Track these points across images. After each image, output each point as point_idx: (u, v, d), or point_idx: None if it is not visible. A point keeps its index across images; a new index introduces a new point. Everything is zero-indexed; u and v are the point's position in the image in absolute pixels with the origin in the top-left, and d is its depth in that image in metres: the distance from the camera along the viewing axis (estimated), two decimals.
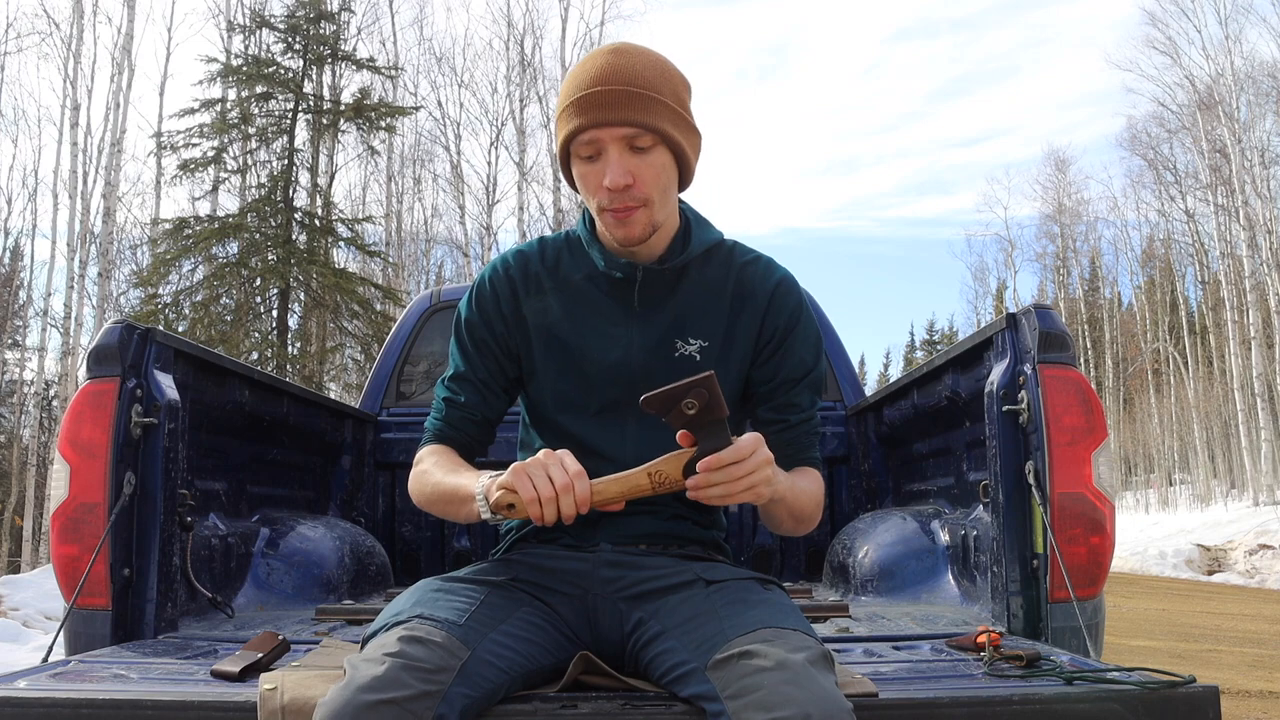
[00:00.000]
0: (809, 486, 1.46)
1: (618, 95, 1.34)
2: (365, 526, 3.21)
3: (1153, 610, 8.35)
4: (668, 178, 1.41)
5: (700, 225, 1.52)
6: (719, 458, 1.19)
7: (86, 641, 1.83)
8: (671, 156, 1.41)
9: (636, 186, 1.37)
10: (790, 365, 1.50)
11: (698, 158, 1.46)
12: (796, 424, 1.50)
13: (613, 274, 1.47)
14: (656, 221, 1.42)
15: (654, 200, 1.39)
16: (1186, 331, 31.80)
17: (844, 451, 3.33)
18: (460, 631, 1.21)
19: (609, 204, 1.38)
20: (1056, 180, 35.29)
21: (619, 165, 1.36)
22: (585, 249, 1.51)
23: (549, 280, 1.52)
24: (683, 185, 1.48)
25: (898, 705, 1.29)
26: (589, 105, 1.35)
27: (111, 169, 17.19)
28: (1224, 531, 18.32)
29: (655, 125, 1.36)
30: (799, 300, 1.52)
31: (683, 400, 1.17)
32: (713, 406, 1.18)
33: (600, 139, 1.36)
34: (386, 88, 19.95)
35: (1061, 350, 1.87)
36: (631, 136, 1.36)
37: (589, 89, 1.35)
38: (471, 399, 1.52)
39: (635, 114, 1.34)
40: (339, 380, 16.67)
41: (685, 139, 1.41)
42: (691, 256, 1.48)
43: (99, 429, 1.87)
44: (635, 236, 1.41)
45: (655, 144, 1.37)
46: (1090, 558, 1.81)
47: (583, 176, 1.40)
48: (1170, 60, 26.13)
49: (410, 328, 3.60)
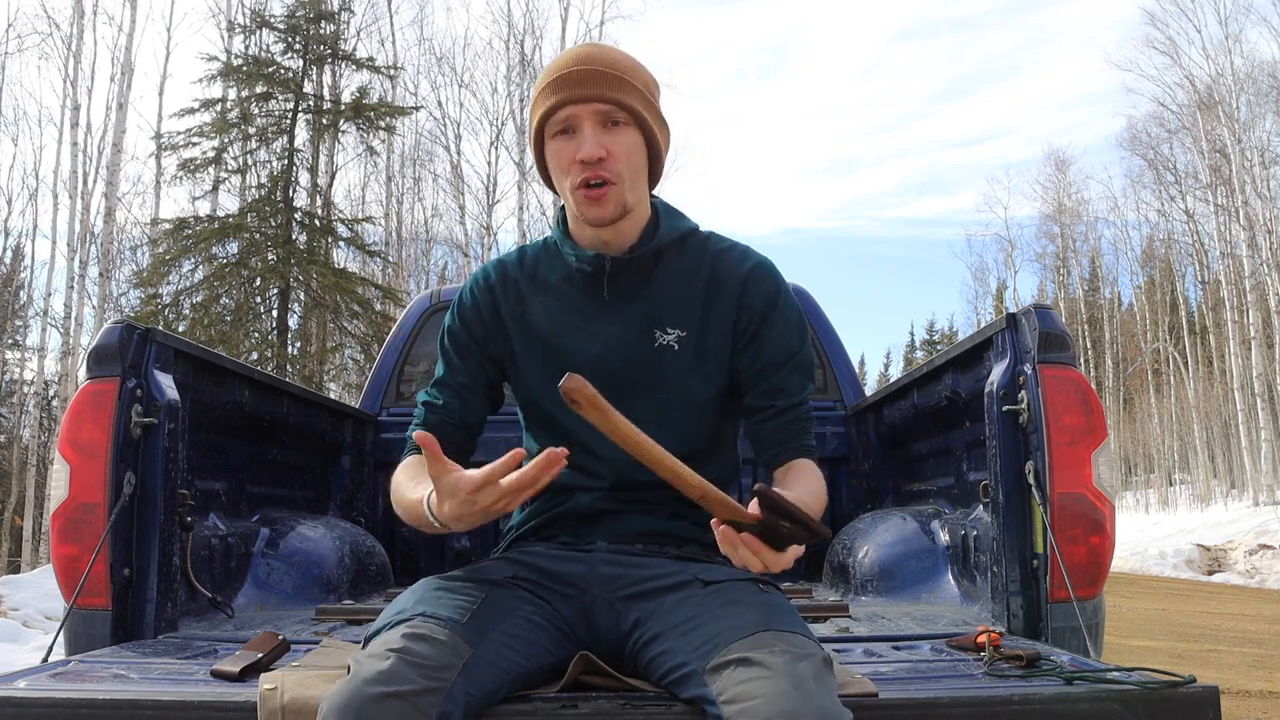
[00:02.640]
0: (810, 487, 1.43)
1: (594, 74, 1.40)
2: (365, 526, 3.21)
3: (1153, 610, 8.35)
4: (639, 159, 1.44)
5: (670, 215, 1.54)
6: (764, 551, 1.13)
7: (86, 641, 1.84)
8: (643, 139, 1.44)
9: (609, 160, 1.40)
10: (771, 349, 1.50)
11: (667, 151, 1.50)
12: (784, 409, 1.49)
13: (584, 268, 1.48)
14: (628, 203, 1.44)
15: (625, 178, 1.42)
16: (1186, 331, 31.80)
17: (844, 451, 3.32)
18: (463, 630, 1.21)
19: (582, 177, 1.40)
20: (1056, 180, 35.33)
21: (593, 139, 1.39)
22: (559, 249, 1.53)
23: (527, 285, 1.54)
24: (653, 179, 1.51)
25: (898, 705, 1.29)
26: (565, 83, 1.40)
27: (112, 169, 17.18)
28: (1224, 531, 18.32)
29: (628, 103, 1.41)
30: (776, 284, 1.52)
31: (793, 522, 1.11)
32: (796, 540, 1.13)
33: (576, 114, 1.40)
34: (386, 88, 19.94)
35: (1061, 350, 1.88)
36: (606, 113, 1.40)
37: (567, 69, 1.41)
38: (450, 402, 1.54)
39: (610, 90, 1.40)
40: (339, 380, 16.67)
41: (656, 126, 1.46)
42: (661, 244, 1.49)
43: (99, 429, 1.87)
44: (608, 215, 1.42)
45: (628, 123, 1.42)
46: (1090, 558, 1.81)
47: (556, 154, 1.43)
48: (1170, 60, 26.16)
49: (410, 328, 3.60)
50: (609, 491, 1.47)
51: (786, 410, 1.50)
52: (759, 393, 1.50)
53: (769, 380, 1.50)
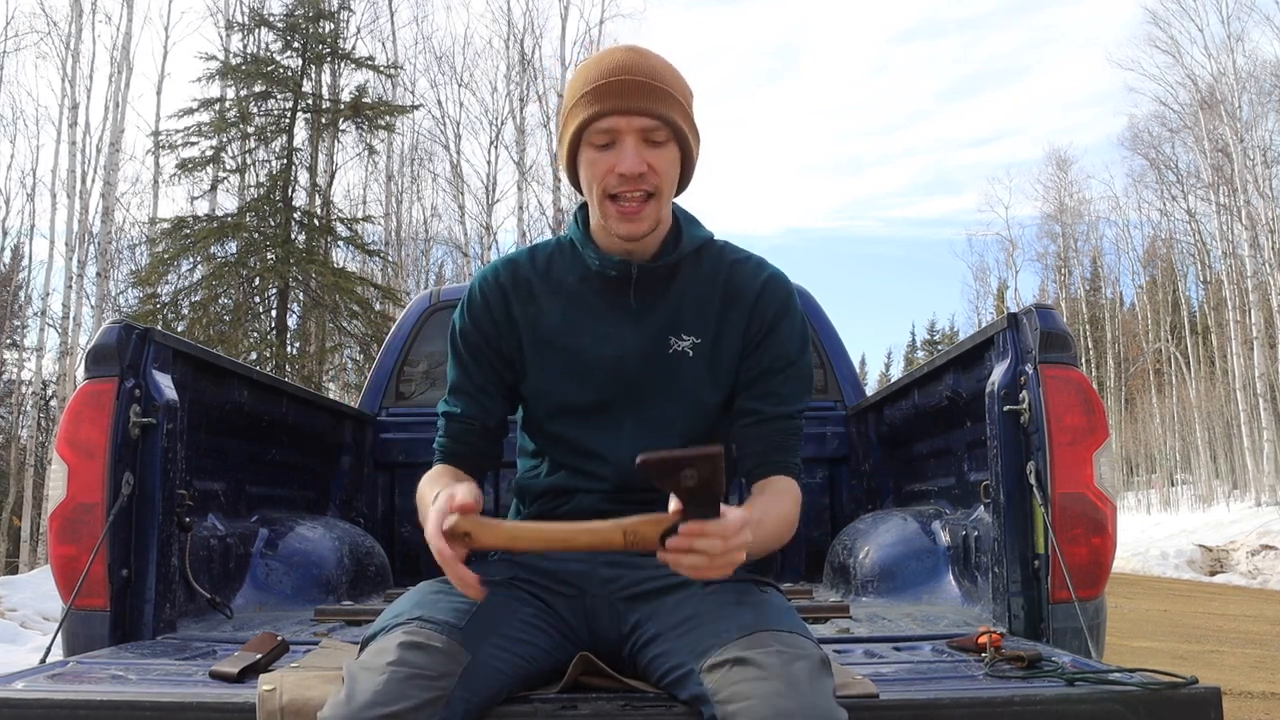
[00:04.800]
0: (778, 511, 1.40)
1: (640, 86, 1.37)
2: (364, 527, 3.20)
3: (1154, 611, 8.35)
4: (674, 175, 1.44)
5: (691, 224, 1.54)
6: (703, 526, 1.10)
7: (85, 642, 1.83)
8: (679, 154, 1.43)
9: (649, 176, 1.38)
10: (772, 355, 1.49)
11: (697, 162, 1.50)
12: (771, 416, 1.47)
13: (607, 272, 1.47)
14: (662, 217, 1.44)
15: (663, 193, 1.41)
16: (1188, 331, 31.79)
17: (844, 451, 3.32)
18: (460, 634, 1.21)
19: (617, 188, 1.38)
20: (1058, 180, 35.30)
21: (635, 154, 1.37)
22: (578, 250, 1.51)
23: (540, 285, 1.52)
24: (680, 187, 1.50)
25: (898, 706, 1.29)
26: (609, 92, 1.37)
27: (110, 168, 17.18)
28: (1226, 532, 18.32)
29: (670, 118, 1.39)
30: (787, 295, 1.53)
31: (683, 470, 1.09)
32: (712, 482, 1.11)
33: (618, 127, 1.37)
34: (385, 87, 19.94)
35: (1063, 350, 1.87)
36: (649, 129, 1.38)
37: (610, 77, 1.38)
38: (470, 409, 1.52)
39: (655, 105, 1.37)
40: (338, 380, 16.67)
41: (693, 138, 1.44)
42: (684, 254, 1.49)
43: (97, 429, 1.87)
44: (641, 231, 1.41)
45: (669, 139, 1.40)
46: (1091, 558, 1.81)
47: (592, 162, 1.40)
48: (1172, 59, 26.16)
49: (410, 328, 3.60)
50: (610, 494, 1.47)
51: (775, 419, 1.48)
52: (751, 395, 1.50)
53: (763, 384, 1.49)
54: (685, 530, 1.10)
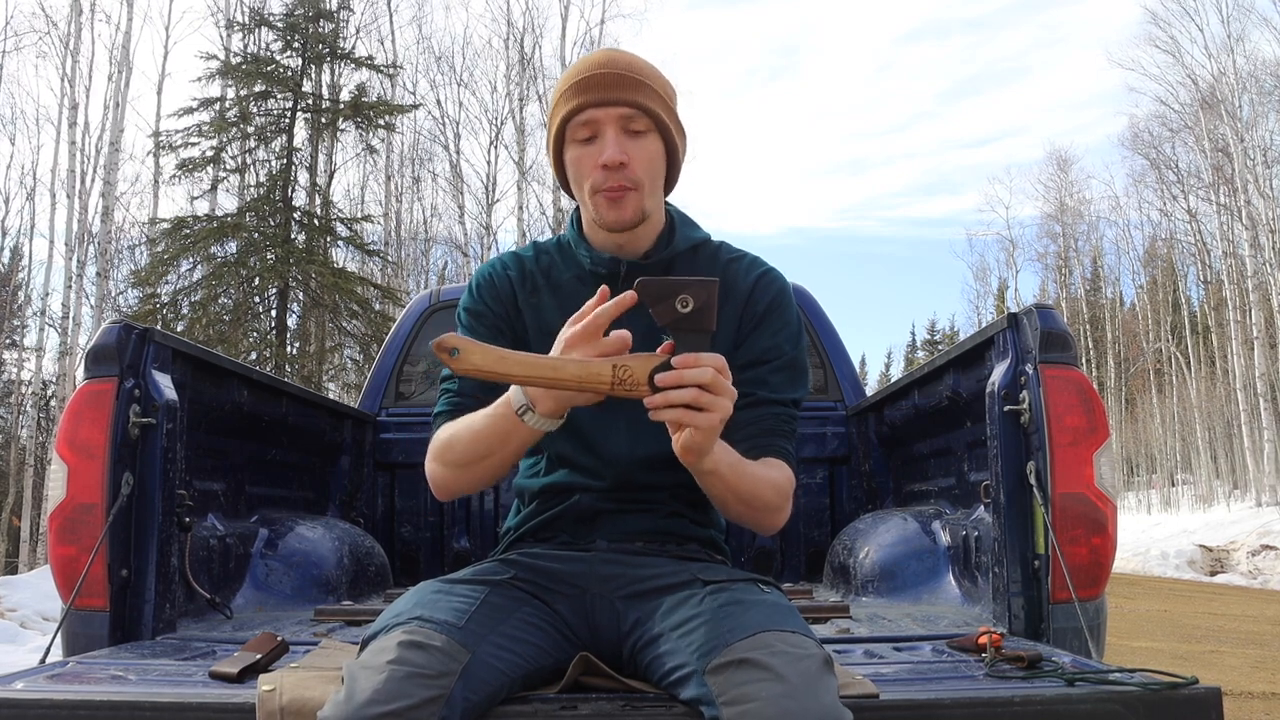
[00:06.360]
0: (765, 473, 1.40)
1: (617, 78, 1.41)
2: (364, 527, 3.20)
3: (1155, 611, 8.35)
4: (659, 166, 1.46)
5: (685, 224, 1.55)
6: (696, 356, 1.13)
7: (84, 642, 1.83)
8: (663, 147, 1.45)
9: (630, 167, 1.41)
10: (762, 347, 1.49)
11: (684, 159, 1.52)
12: (762, 401, 1.46)
13: (598, 271, 1.48)
14: (647, 208, 1.45)
15: (645, 185, 1.43)
16: (1189, 331, 31.79)
17: (844, 451, 3.32)
18: (460, 634, 1.21)
19: (603, 183, 1.41)
20: (1059, 180, 35.32)
21: (615, 144, 1.40)
22: (573, 250, 1.53)
23: (543, 280, 1.54)
24: (669, 186, 1.52)
25: (899, 706, 1.29)
26: (588, 86, 1.41)
27: (110, 168, 17.18)
28: (1226, 532, 18.32)
29: (649, 107, 1.42)
30: (779, 291, 1.53)
31: (680, 294, 1.13)
32: (705, 312, 1.14)
33: (598, 119, 1.41)
34: (385, 86, 19.94)
35: (1063, 350, 1.87)
36: (628, 118, 1.41)
37: (587, 73, 1.42)
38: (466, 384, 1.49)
39: (633, 95, 1.41)
40: (338, 380, 16.66)
41: (676, 133, 1.47)
42: (676, 252, 1.50)
43: (97, 429, 1.87)
44: (626, 219, 1.43)
45: (649, 129, 1.43)
46: (1092, 558, 1.81)
47: (577, 160, 1.44)
48: (1173, 59, 26.16)
49: (409, 328, 3.60)
50: (608, 492, 1.47)
51: (765, 404, 1.46)
52: (741, 383, 1.48)
53: (752, 373, 1.48)
54: (678, 361, 1.14)
